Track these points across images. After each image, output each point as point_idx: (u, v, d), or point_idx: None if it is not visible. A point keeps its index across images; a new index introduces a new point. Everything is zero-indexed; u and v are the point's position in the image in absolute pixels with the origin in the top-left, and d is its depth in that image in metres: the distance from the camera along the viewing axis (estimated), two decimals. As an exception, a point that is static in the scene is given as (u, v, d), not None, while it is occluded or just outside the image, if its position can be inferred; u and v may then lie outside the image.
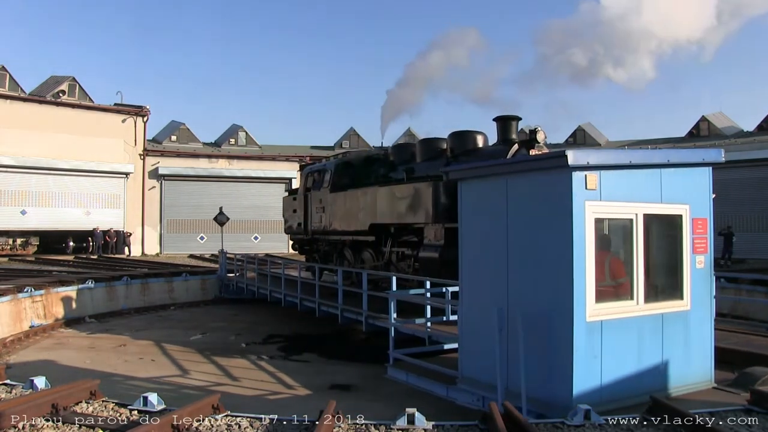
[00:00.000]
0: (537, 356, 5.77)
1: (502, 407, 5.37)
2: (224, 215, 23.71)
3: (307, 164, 18.95)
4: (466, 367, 6.65)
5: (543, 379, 5.75)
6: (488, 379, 6.26)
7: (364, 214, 13.41)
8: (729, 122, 34.19)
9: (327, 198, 15.28)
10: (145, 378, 10.11)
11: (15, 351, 12.41)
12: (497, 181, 6.35)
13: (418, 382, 7.66)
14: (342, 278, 12.67)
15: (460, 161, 11.90)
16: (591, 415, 5.42)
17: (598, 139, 37.06)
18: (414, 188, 11.70)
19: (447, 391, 6.99)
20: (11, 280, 16.74)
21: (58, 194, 30.21)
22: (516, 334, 5.84)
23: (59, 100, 31.31)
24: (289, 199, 18.28)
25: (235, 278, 19.80)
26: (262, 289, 17.23)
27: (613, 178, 5.81)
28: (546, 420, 5.49)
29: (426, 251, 11.25)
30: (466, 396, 6.57)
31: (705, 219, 6.54)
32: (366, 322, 11.32)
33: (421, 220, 11.49)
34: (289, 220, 18.00)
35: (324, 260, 16.26)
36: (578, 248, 5.53)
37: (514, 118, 11.56)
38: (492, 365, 6.14)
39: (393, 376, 8.13)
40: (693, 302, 6.41)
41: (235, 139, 38.68)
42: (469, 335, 6.64)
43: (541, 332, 5.73)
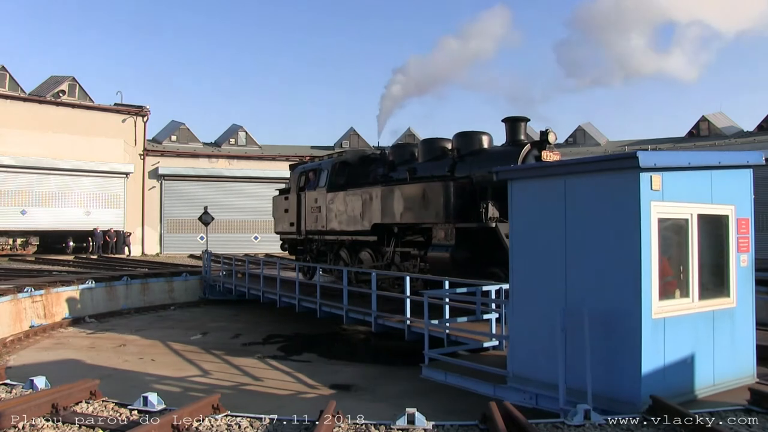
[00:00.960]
0: (602, 354, 5.89)
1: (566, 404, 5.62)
2: (209, 215, 23.50)
3: (298, 164, 18.55)
4: (517, 366, 6.73)
5: (607, 375, 5.88)
6: (542, 377, 6.40)
7: (366, 214, 13.34)
8: (729, 122, 34.18)
9: (324, 197, 15.13)
10: (145, 378, 10.10)
11: (15, 351, 12.41)
12: (554, 182, 6.49)
13: (459, 381, 7.61)
14: (347, 278, 12.29)
15: (467, 162, 11.99)
16: (591, 414, 5.43)
17: (598, 139, 37.06)
18: (423, 188, 11.65)
19: (494, 390, 7.01)
20: (11, 280, 16.74)
21: (58, 194, 30.22)
22: (576, 333, 5.94)
23: (59, 100, 31.32)
24: (280, 199, 17.99)
25: (222, 279, 19.06)
26: (253, 290, 16.48)
27: (673, 179, 6.02)
28: (546, 420, 5.50)
29: (436, 251, 11.22)
30: (516, 395, 6.65)
31: (747, 219, 6.83)
32: (375, 322, 11.00)
33: (429, 220, 11.47)
34: (280, 220, 17.72)
35: (317, 261, 16.09)
36: (645, 247, 5.70)
37: (523, 119, 11.74)
38: (546, 363, 6.28)
39: (429, 375, 8.03)
40: (738, 300, 6.66)
41: (235, 139, 38.68)
42: (520, 334, 6.73)
43: (607, 330, 5.86)
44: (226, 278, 18.90)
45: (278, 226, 18.01)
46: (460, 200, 10.96)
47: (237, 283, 17.75)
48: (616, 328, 5.83)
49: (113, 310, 17.28)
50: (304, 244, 16.85)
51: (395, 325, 10.65)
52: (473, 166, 11.66)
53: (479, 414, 5.55)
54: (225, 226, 34.31)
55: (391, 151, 14.70)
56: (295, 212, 16.63)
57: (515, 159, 10.85)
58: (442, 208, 11.05)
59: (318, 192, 15.44)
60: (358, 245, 14.31)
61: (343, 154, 16.18)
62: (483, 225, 10.48)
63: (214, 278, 19.61)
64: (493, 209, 10.53)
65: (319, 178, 15.61)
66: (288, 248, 18.13)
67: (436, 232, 11.37)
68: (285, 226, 17.34)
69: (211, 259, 19.83)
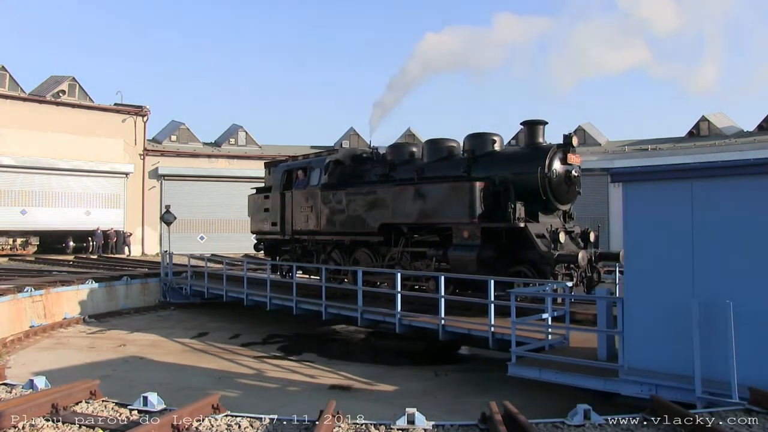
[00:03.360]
0: (746, 347, 6.10)
1: (703, 395, 5.94)
2: (171, 214, 23.28)
3: (277, 162, 17.88)
4: (633, 359, 6.90)
5: (749, 367, 6.06)
6: (662, 368, 6.63)
7: (372, 214, 13.11)
8: (729, 122, 34.16)
9: (317, 197, 14.70)
10: (145, 378, 10.09)
11: (15, 351, 12.41)
12: (679, 185, 6.75)
13: (560, 378, 7.62)
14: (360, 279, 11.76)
15: (482, 162, 12.19)
16: (591, 414, 5.43)
17: (598, 139, 37.03)
18: (445, 188, 11.72)
19: (604, 384, 7.13)
20: (11, 280, 16.74)
21: (58, 194, 30.21)
22: (709, 327, 6.19)
23: (59, 100, 31.31)
24: (258, 198, 17.38)
25: (190, 281, 17.60)
26: (231, 293, 15.50)
27: None
28: (546, 420, 5.51)
29: (459, 251, 11.28)
30: (631, 387, 6.83)
31: None
32: (399, 323, 10.73)
33: (450, 220, 11.55)
34: (259, 220, 17.07)
35: (303, 262, 15.48)
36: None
37: (542, 122, 12.12)
38: (669, 354, 6.54)
39: (519, 373, 7.96)
40: None
41: (235, 139, 38.65)
42: (637, 329, 6.91)
43: (752, 326, 6.08)
44: (197, 280, 17.54)
45: (256, 226, 17.34)
46: (485, 200, 11.22)
47: (210, 286, 16.45)
48: (763, 323, 6.05)
49: (113, 310, 17.27)
50: (289, 245, 16.24)
51: (425, 326, 10.53)
52: (492, 167, 11.88)
53: (479, 414, 5.56)
54: (225, 226, 34.29)
55: (389, 150, 14.46)
56: (278, 212, 16.09)
57: (542, 161, 11.24)
58: (468, 208, 11.18)
59: (310, 191, 15.01)
60: (354, 246, 14.07)
61: (334, 152, 15.74)
62: (512, 225, 10.79)
63: (177, 280, 18.39)
64: (521, 209, 10.88)
65: (310, 176, 15.18)
66: (265, 248, 17.44)
67: (457, 231, 11.44)
68: (266, 225, 16.73)
69: (172, 260, 18.48)
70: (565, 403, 6.29)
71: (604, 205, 30.84)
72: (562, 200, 11.72)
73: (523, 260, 11.04)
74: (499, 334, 9.12)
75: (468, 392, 9.13)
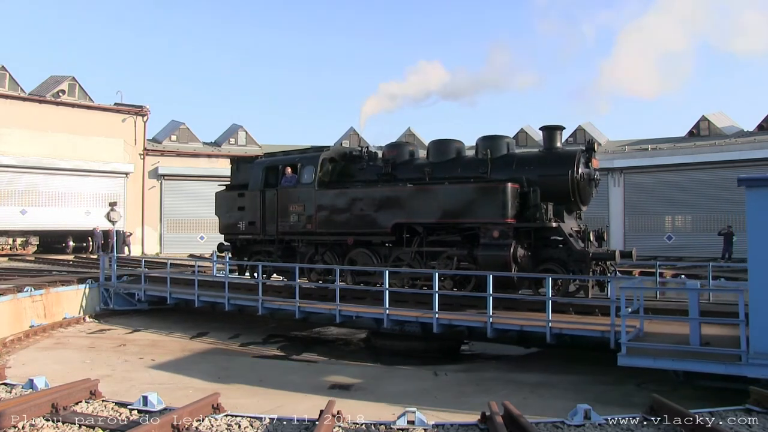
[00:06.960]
0: None
1: None
2: (116, 212, 22.68)
3: (251, 157, 16.75)
4: (760, 344, 7.28)
5: None
6: None
7: (383, 213, 12.83)
8: (729, 122, 34.14)
9: (312, 195, 13.97)
10: (144, 378, 10.09)
11: (15, 351, 12.40)
12: None
13: (677, 365, 7.78)
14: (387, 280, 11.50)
15: (496, 164, 12.40)
16: (591, 414, 5.44)
17: (598, 139, 37.02)
18: (477, 188, 11.86)
19: (726, 368, 7.36)
20: (11, 280, 16.73)
21: (58, 194, 30.19)
22: None
23: (59, 100, 31.29)
24: (230, 196, 16.15)
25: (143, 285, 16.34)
26: (203, 297, 14.68)
27: None
28: (546, 420, 5.51)
29: (489, 250, 11.46)
30: (758, 370, 7.15)
31: None
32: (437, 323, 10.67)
33: (477, 219, 11.68)
34: (232, 219, 15.74)
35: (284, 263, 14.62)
36: None
37: (560, 127, 12.63)
38: None
39: (631, 363, 7.99)
40: None
41: (235, 138, 38.65)
42: (762, 318, 7.29)
43: None
44: (155, 284, 16.49)
45: (227, 226, 16.02)
46: (522, 200, 11.63)
47: (172, 291, 15.36)
48: None
49: (113, 309, 17.25)
50: (268, 245, 15.17)
51: (471, 324, 10.75)
52: (512, 169, 12.17)
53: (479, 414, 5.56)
54: (225, 225, 34.25)
55: (387, 150, 14.11)
56: (257, 210, 15.04)
57: (572, 164, 11.72)
58: (500, 208, 11.40)
59: (302, 189, 14.23)
60: (351, 246, 13.62)
61: (324, 149, 14.78)
62: (545, 224, 11.25)
63: (125, 286, 17.12)
64: (551, 210, 11.40)
65: (300, 174, 14.38)
66: (237, 249, 16.09)
67: (486, 231, 11.59)
68: (242, 225, 15.46)
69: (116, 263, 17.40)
70: (565, 403, 6.29)
71: (604, 205, 30.96)
72: (585, 201, 12.32)
73: (549, 258, 11.53)
74: (557, 329, 9.53)
75: (468, 392, 9.12)
